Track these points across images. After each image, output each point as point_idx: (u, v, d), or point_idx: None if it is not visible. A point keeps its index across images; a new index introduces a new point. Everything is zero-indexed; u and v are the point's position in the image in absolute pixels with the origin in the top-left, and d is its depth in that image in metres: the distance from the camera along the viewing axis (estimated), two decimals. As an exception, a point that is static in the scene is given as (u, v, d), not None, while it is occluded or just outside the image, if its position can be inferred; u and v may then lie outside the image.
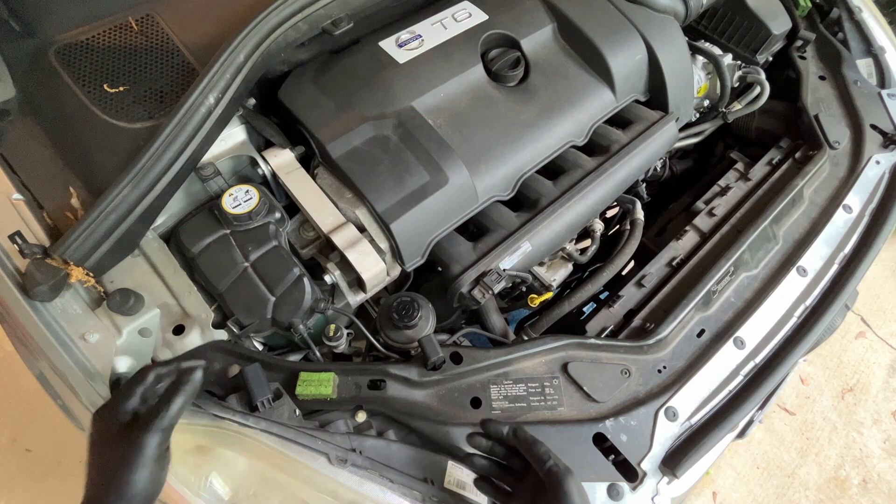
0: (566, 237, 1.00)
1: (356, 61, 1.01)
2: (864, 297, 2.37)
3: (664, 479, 0.79)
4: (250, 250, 0.84)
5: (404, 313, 0.82)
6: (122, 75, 0.89)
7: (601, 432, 0.80)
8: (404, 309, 0.82)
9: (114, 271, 0.79)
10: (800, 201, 1.11)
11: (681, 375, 0.88)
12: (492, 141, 0.97)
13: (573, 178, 1.01)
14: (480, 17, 1.09)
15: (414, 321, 0.85)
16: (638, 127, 1.10)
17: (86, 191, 0.80)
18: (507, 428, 0.66)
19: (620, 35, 1.11)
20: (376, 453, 0.71)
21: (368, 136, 0.93)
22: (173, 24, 0.96)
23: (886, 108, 1.24)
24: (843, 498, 1.94)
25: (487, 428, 0.67)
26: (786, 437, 2.05)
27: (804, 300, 0.99)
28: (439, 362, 0.80)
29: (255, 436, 0.67)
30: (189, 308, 0.78)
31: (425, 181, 0.89)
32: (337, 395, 0.75)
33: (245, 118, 0.95)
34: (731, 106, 1.31)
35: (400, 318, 0.82)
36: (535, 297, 1.00)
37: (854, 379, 2.20)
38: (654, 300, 0.99)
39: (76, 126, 0.84)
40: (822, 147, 1.17)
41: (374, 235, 0.88)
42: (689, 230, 1.11)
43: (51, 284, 0.70)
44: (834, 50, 1.35)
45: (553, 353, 0.86)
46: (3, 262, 0.73)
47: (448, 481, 0.73)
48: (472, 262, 0.90)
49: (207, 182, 0.90)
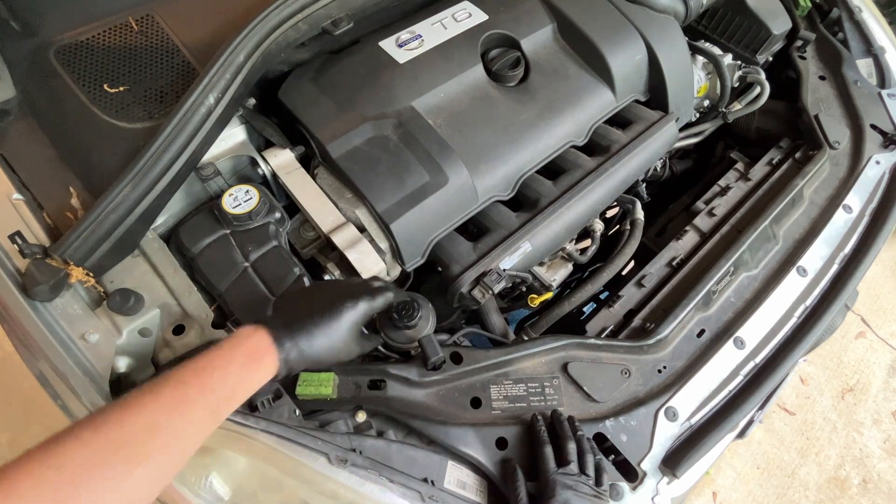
0: (566, 237, 1.00)
1: (356, 61, 1.01)
2: (864, 297, 2.37)
3: (664, 479, 0.79)
4: (250, 250, 0.84)
5: (404, 313, 0.82)
6: (122, 75, 0.89)
7: (601, 432, 0.80)
8: (404, 309, 0.82)
9: (114, 271, 0.79)
10: (800, 201, 1.11)
11: (681, 375, 0.88)
12: (492, 141, 0.97)
13: (573, 178, 1.01)
14: (480, 17, 1.09)
15: (414, 321, 0.85)
16: (638, 127, 1.10)
17: (86, 191, 0.80)
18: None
19: (620, 35, 1.11)
20: (376, 453, 0.71)
21: (368, 136, 0.93)
22: (173, 24, 0.96)
23: (886, 108, 1.25)
24: (843, 498, 1.94)
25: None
26: (786, 437, 2.05)
27: (804, 300, 0.99)
28: (439, 362, 0.80)
29: (255, 436, 0.67)
30: (189, 308, 0.78)
31: (425, 181, 0.89)
32: (337, 395, 0.75)
33: (245, 118, 0.95)
34: (731, 106, 1.31)
35: (400, 318, 0.82)
36: (535, 297, 1.00)
37: (854, 379, 2.20)
38: (654, 300, 0.99)
39: (76, 126, 0.84)
40: (822, 147, 1.17)
41: (374, 235, 0.88)
42: (689, 230, 1.11)
43: (51, 284, 0.70)
44: (834, 50, 1.35)
45: (553, 353, 0.86)
46: (3, 262, 0.73)
47: (448, 481, 0.73)
48: (472, 262, 0.90)
49: (207, 182, 0.90)
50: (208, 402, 0.54)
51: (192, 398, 0.54)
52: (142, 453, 0.48)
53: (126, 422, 0.49)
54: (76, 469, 0.44)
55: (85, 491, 0.44)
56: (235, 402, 0.58)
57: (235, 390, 0.57)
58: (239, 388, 0.58)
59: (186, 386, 0.54)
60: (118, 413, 0.49)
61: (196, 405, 0.54)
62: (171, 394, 0.53)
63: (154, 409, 0.51)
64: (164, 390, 0.53)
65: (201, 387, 0.55)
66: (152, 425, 0.50)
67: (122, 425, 0.48)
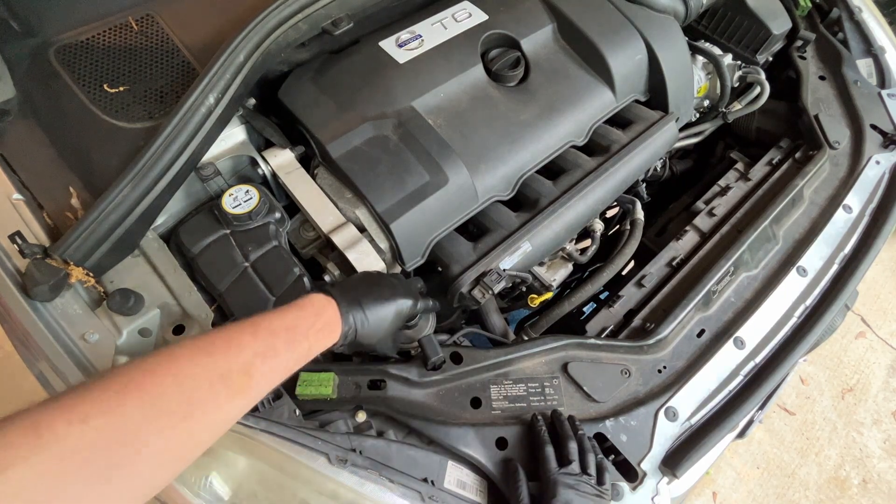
0: (566, 237, 1.00)
1: (356, 61, 1.01)
2: (864, 297, 2.37)
3: (664, 479, 0.79)
4: (250, 250, 0.84)
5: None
6: (122, 75, 0.89)
7: (601, 432, 0.80)
8: (404, 309, 0.82)
9: (114, 271, 0.79)
10: (800, 201, 1.11)
11: (681, 375, 0.88)
12: (492, 141, 0.97)
13: (573, 178, 1.01)
14: (480, 17, 1.09)
15: (414, 321, 0.86)
16: (638, 127, 1.10)
17: (86, 191, 0.80)
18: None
19: (620, 35, 1.11)
20: (376, 453, 0.71)
21: (368, 136, 0.93)
22: (173, 24, 0.96)
23: (886, 108, 1.24)
24: (843, 498, 1.94)
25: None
26: (786, 437, 2.05)
27: (804, 300, 0.99)
28: (439, 362, 0.80)
29: (255, 436, 0.67)
30: (189, 308, 0.77)
31: (425, 181, 0.89)
32: (337, 395, 0.75)
33: (245, 118, 0.95)
34: (731, 106, 1.31)
35: (400, 318, 0.82)
36: (535, 297, 1.00)
37: (854, 379, 2.20)
38: (654, 300, 0.99)
39: (76, 126, 0.84)
40: (822, 147, 1.17)
41: (374, 235, 0.88)
42: (689, 230, 1.11)
43: (51, 284, 0.70)
44: (834, 50, 1.35)
45: (553, 353, 0.86)
46: (3, 262, 0.73)
47: (448, 481, 0.73)
48: (472, 262, 0.90)
49: (207, 182, 0.90)
50: (289, 358, 0.59)
51: (279, 350, 0.57)
52: (236, 390, 0.52)
53: (230, 355, 0.53)
54: (192, 385, 0.48)
55: (196, 410, 0.48)
56: (302, 364, 0.61)
57: (309, 353, 0.62)
58: (311, 352, 0.62)
59: (276, 338, 0.58)
60: (224, 345, 0.53)
61: (281, 358, 0.57)
62: (265, 341, 0.57)
63: (252, 351, 0.55)
64: (260, 335, 0.57)
65: (289, 342, 0.59)
66: (248, 366, 0.53)
67: (226, 358, 0.52)
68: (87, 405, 0.43)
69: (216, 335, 0.54)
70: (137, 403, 0.45)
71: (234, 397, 0.51)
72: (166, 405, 0.46)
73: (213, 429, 0.51)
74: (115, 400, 0.44)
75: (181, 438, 0.47)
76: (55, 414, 0.41)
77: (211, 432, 0.51)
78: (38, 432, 0.40)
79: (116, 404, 0.44)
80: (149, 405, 0.45)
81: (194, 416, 0.48)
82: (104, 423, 0.42)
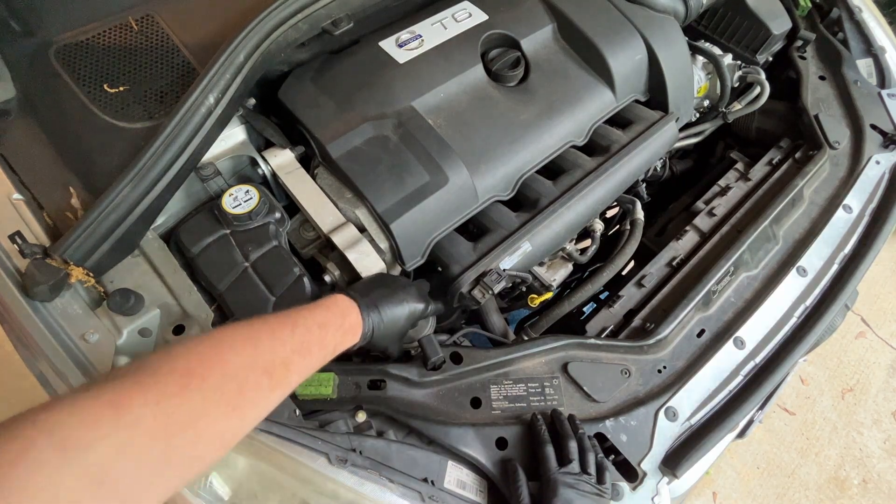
0: (566, 237, 1.00)
1: (356, 61, 1.01)
2: (864, 297, 2.37)
3: (664, 479, 0.79)
4: (250, 250, 0.84)
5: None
6: (122, 75, 0.89)
7: (601, 432, 0.80)
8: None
9: (114, 271, 0.79)
10: (800, 201, 1.11)
11: (681, 375, 0.88)
12: (492, 141, 0.97)
13: (573, 178, 1.01)
14: (480, 17, 1.09)
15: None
16: (638, 127, 1.10)
17: (86, 191, 0.80)
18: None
19: (620, 35, 1.11)
20: (376, 453, 0.71)
21: (368, 136, 0.93)
22: (173, 24, 0.96)
23: (886, 108, 1.24)
24: (843, 498, 1.94)
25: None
26: (786, 437, 2.05)
27: (804, 300, 0.99)
28: (439, 362, 0.80)
29: (255, 436, 0.67)
30: (189, 308, 0.77)
31: (425, 181, 0.89)
32: (337, 395, 0.75)
33: (245, 118, 0.95)
34: (731, 106, 1.31)
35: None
36: (535, 297, 1.00)
37: (854, 379, 2.20)
38: (654, 300, 0.99)
39: (76, 126, 0.84)
40: (822, 147, 1.17)
41: (374, 235, 0.88)
42: (689, 230, 1.11)
43: (51, 284, 0.70)
44: (834, 50, 1.35)
45: (553, 353, 0.86)
46: (3, 262, 0.73)
47: (448, 481, 0.73)
48: (472, 263, 0.90)
49: (207, 182, 0.90)
50: (319, 355, 0.61)
51: (312, 348, 0.60)
52: (276, 382, 0.54)
53: (275, 349, 0.55)
54: (243, 376, 0.50)
55: (246, 401, 0.50)
56: (327, 361, 0.63)
57: (334, 351, 0.64)
58: (335, 351, 0.65)
59: (310, 334, 0.60)
60: (268, 338, 0.55)
61: (313, 355, 0.60)
62: (302, 337, 0.59)
63: (290, 347, 0.57)
64: (298, 332, 0.59)
65: (321, 340, 0.61)
66: (288, 361, 0.56)
67: (271, 352, 0.55)
68: (161, 387, 0.45)
69: (261, 327, 0.56)
70: (199, 392, 0.46)
71: (275, 389, 0.54)
72: (221, 395, 0.48)
73: (256, 418, 0.53)
74: (182, 384, 0.46)
75: (232, 426, 0.50)
76: (133, 394, 0.43)
77: (253, 421, 0.53)
78: (119, 412, 0.41)
79: (183, 389, 0.46)
80: (209, 392, 0.47)
81: (244, 406, 0.50)
82: (174, 408, 0.44)
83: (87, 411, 0.40)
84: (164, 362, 0.48)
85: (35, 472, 0.36)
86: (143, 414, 0.42)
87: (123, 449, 0.40)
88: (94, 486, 0.38)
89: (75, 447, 0.38)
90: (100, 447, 0.39)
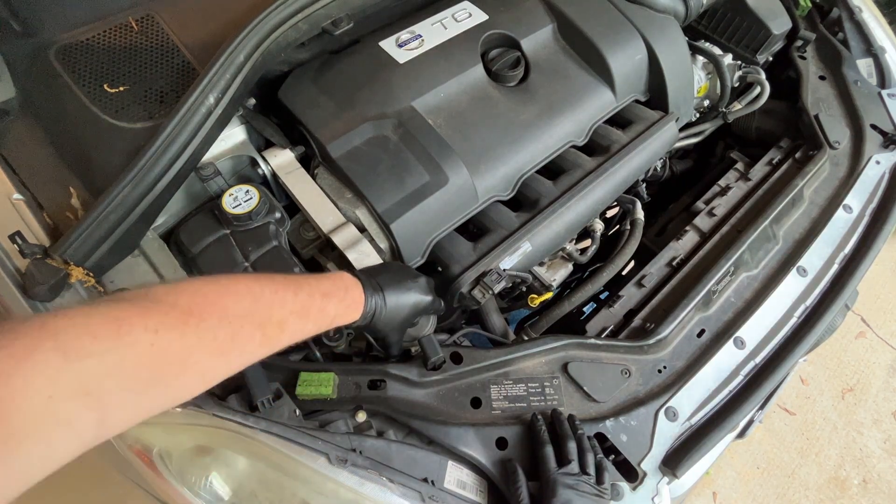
0: (566, 237, 1.00)
1: (356, 61, 1.01)
2: (864, 297, 2.37)
3: (664, 479, 0.79)
4: (250, 250, 0.84)
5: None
6: (122, 75, 0.89)
7: (601, 432, 0.80)
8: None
9: (114, 271, 0.79)
10: (800, 201, 1.11)
11: (681, 375, 0.88)
12: (492, 141, 0.97)
13: (573, 178, 1.01)
14: (480, 17, 1.09)
15: (417, 319, 0.86)
16: (638, 127, 1.10)
17: (86, 191, 0.80)
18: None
19: (620, 35, 1.11)
20: (376, 453, 0.70)
21: (368, 136, 0.93)
22: (173, 24, 0.96)
23: (886, 108, 1.25)
24: (843, 498, 1.94)
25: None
26: (786, 437, 2.05)
27: (804, 300, 0.99)
28: (439, 362, 0.80)
29: (255, 436, 0.67)
30: (189, 308, 0.77)
31: (425, 181, 0.89)
32: (337, 395, 0.75)
33: (245, 118, 0.95)
34: (731, 106, 1.31)
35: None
36: (535, 297, 1.00)
37: (854, 379, 2.20)
38: (654, 300, 0.99)
39: (76, 126, 0.84)
40: (822, 147, 1.17)
41: (374, 235, 0.88)
42: (689, 230, 1.11)
43: (51, 284, 0.70)
44: (834, 50, 1.35)
45: (553, 353, 0.86)
46: (3, 262, 0.73)
47: (448, 481, 0.73)
48: (472, 262, 0.90)
49: (207, 182, 0.90)
50: (316, 323, 0.63)
51: (311, 314, 0.62)
52: (268, 338, 0.56)
53: (273, 307, 0.57)
54: (238, 324, 0.53)
55: (235, 348, 0.53)
56: (324, 330, 0.66)
57: (332, 322, 0.66)
58: (334, 322, 0.66)
59: (312, 301, 0.62)
60: (270, 296, 0.57)
61: (311, 320, 0.62)
62: (304, 301, 0.61)
63: (290, 309, 0.59)
64: (301, 296, 0.61)
65: (321, 309, 0.63)
66: (284, 321, 0.58)
67: (270, 309, 0.57)
68: (161, 317, 0.47)
69: (266, 284, 0.58)
70: (195, 329, 0.49)
71: (264, 345, 0.56)
72: (214, 337, 0.50)
73: (240, 366, 0.55)
74: (181, 320, 0.48)
75: (217, 367, 0.52)
76: (136, 318, 0.45)
77: (237, 368, 0.55)
78: (120, 331, 0.44)
79: (181, 323, 0.48)
80: (204, 333, 0.49)
81: (231, 352, 0.52)
82: (169, 340, 0.46)
83: (92, 324, 0.43)
84: (171, 295, 0.50)
85: (38, 373, 0.38)
86: (141, 338, 0.44)
87: (117, 366, 0.43)
88: (82, 394, 0.40)
89: (76, 355, 0.40)
90: (96, 359, 0.41)
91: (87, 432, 0.42)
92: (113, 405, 0.43)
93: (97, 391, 0.41)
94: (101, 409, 0.42)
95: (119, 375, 0.43)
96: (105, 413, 0.42)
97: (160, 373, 0.46)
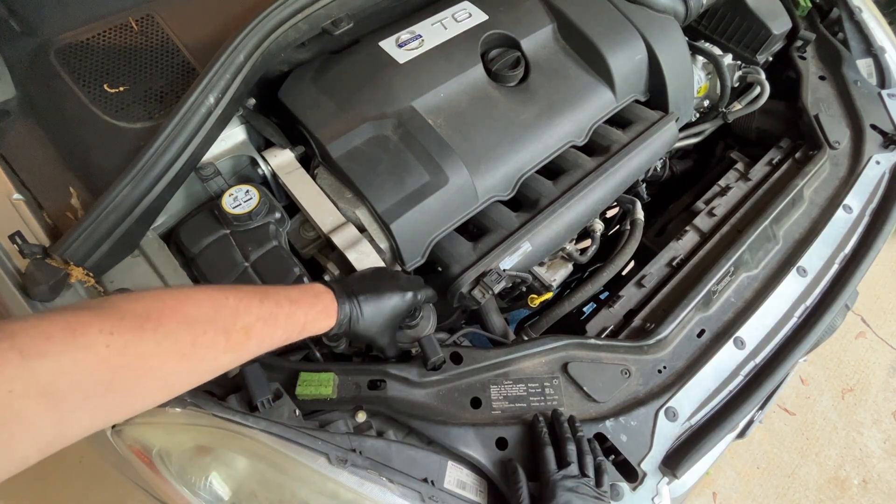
0: (566, 237, 1.00)
1: (356, 61, 1.01)
2: (864, 297, 2.37)
3: (664, 480, 0.79)
4: (250, 250, 0.84)
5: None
6: (122, 75, 0.89)
7: (601, 432, 0.80)
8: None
9: (114, 271, 0.79)
10: (800, 201, 1.11)
11: (681, 375, 0.88)
12: (492, 141, 0.97)
13: (573, 178, 1.01)
14: (480, 17, 1.09)
15: (415, 321, 0.86)
16: (638, 127, 1.10)
17: (86, 191, 0.80)
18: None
19: (620, 35, 1.11)
20: (376, 453, 0.70)
21: (368, 136, 0.93)
22: (173, 24, 0.96)
23: (886, 108, 1.25)
24: (843, 498, 1.94)
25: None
26: (786, 437, 2.05)
27: (804, 300, 0.99)
28: (439, 362, 0.80)
29: (255, 436, 0.67)
30: (189, 308, 0.77)
31: (425, 181, 0.89)
32: (337, 395, 0.75)
33: (245, 118, 0.95)
34: (731, 106, 1.31)
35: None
36: (535, 297, 1.00)
37: (854, 379, 2.20)
38: (654, 300, 0.99)
39: (76, 126, 0.84)
40: (822, 147, 1.17)
41: (374, 235, 0.88)
42: (689, 230, 1.11)
43: (51, 284, 0.70)
44: (834, 50, 1.35)
45: (553, 353, 0.86)
46: (3, 262, 0.73)
47: (448, 481, 0.73)
48: (472, 263, 0.90)
49: (207, 182, 0.90)
50: (286, 330, 0.63)
51: (279, 321, 0.61)
52: (232, 344, 0.56)
53: (238, 314, 0.57)
54: (199, 331, 0.52)
55: (196, 354, 0.52)
56: (294, 339, 0.65)
57: (303, 331, 0.65)
58: (305, 330, 0.66)
59: (279, 308, 0.62)
60: (234, 303, 0.57)
61: (278, 327, 0.61)
62: (269, 310, 0.60)
63: (256, 315, 0.59)
64: (267, 304, 0.60)
65: (289, 316, 0.63)
66: (249, 328, 0.58)
67: (234, 316, 0.56)
68: (116, 321, 0.47)
69: (230, 292, 0.58)
70: (153, 333, 0.49)
71: (229, 351, 0.56)
72: (174, 341, 0.50)
73: (206, 373, 0.55)
74: (138, 324, 0.48)
75: (178, 372, 0.52)
76: (90, 320, 0.45)
77: (202, 375, 0.55)
78: (74, 333, 0.44)
79: (138, 328, 0.48)
80: (162, 337, 0.49)
81: (193, 357, 0.52)
82: (125, 343, 0.46)
83: (47, 327, 0.43)
84: (128, 302, 0.50)
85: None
86: (96, 340, 0.44)
87: (72, 367, 0.43)
88: (38, 396, 0.41)
89: (32, 354, 0.41)
90: (52, 359, 0.42)
91: (45, 432, 0.42)
92: (71, 407, 0.43)
93: (54, 392, 0.41)
94: (59, 410, 0.42)
95: (75, 377, 0.43)
96: (63, 415, 0.42)
97: (117, 376, 0.46)
